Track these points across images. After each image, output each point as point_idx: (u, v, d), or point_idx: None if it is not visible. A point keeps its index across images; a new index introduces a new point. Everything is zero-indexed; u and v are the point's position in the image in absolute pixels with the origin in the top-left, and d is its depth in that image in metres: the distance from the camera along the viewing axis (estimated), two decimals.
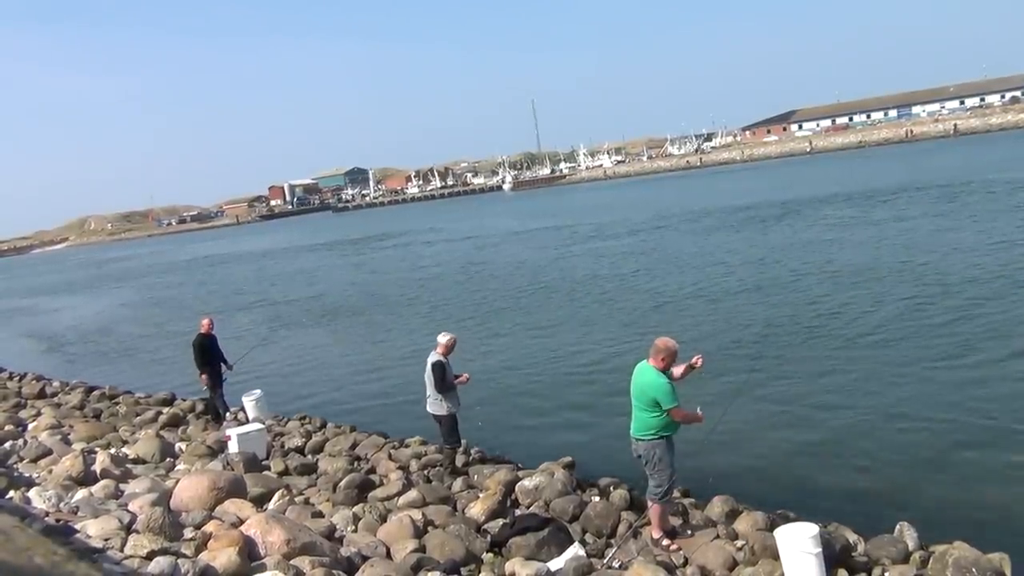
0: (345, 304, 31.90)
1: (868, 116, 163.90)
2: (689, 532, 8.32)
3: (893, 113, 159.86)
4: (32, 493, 8.81)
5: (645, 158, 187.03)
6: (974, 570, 6.24)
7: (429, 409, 10.87)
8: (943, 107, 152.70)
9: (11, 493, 8.75)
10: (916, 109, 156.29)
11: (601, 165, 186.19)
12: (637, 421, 7.96)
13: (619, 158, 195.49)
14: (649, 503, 8.16)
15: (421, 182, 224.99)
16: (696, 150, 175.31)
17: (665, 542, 8.02)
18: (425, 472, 11.00)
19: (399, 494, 9.75)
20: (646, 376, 7.84)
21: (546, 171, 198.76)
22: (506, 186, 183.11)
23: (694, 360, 8.10)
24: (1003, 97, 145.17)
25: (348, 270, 47.28)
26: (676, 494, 8.59)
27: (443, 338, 10.92)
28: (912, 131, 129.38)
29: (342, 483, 10.16)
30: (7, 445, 12.28)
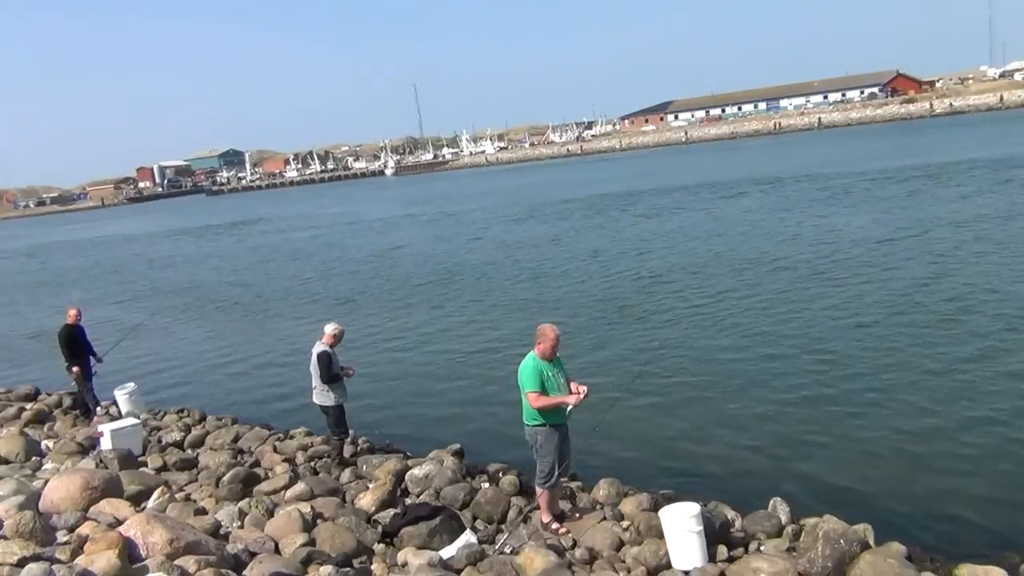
0: (222, 292, 30.86)
1: (739, 108, 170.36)
2: (577, 515, 8.52)
3: (763, 106, 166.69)
4: None
5: (527, 145, 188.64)
6: (842, 541, 6.64)
7: (315, 400, 10.72)
8: (808, 101, 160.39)
9: None
10: (784, 102, 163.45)
11: (484, 151, 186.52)
12: (523, 408, 8.11)
13: (502, 144, 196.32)
14: (537, 488, 8.32)
15: (300, 165, 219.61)
16: (577, 138, 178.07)
17: (554, 526, 8.19)
18: (312, 464, 10.83)
19: (286, 487, 9.56)
20: (522, 362, 8.01)
21: (429, 156, 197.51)
22: (388, 171, 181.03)
23: (577, 389, 8.10)
24: (862, 93, 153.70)
25: (224, 257, 45.70)
26: (564, 479, 8.76)
27: (330, 328, 10.80)
28: (780, 123, 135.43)
29: (225, 478, 9.86)
30: None
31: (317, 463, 10.82)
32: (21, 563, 6.02)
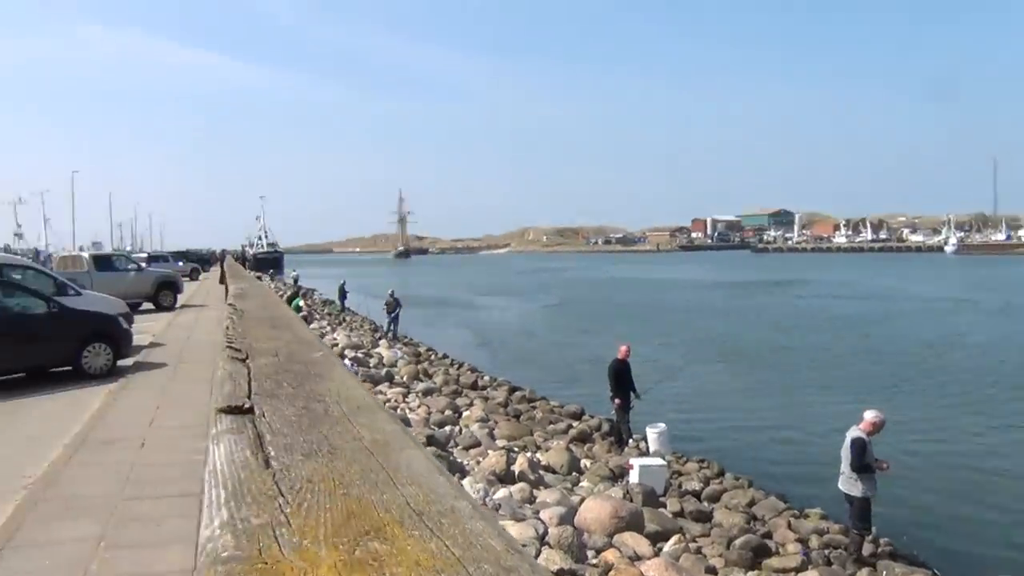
0: (756, 350, 31.22)
1: None
2: None
3: None
4: (466, 482, 9.90)
5: None
6: None
7: (841, 486, 10.21)
8: None
9: None
10: None
11: None
12: None
13: None
14: None
15: (850, 232, 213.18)
16: None
17: None
18: (827, 552, 10.28)
19: (796, 570, 9.24)
20: None
21: (1001, 236, 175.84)
22: (949, 247, 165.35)
23: None
24: None
25: (762, 314, 46.25)
26: None
27: (870, 415, 10.24)
28: None
29: (737, 542, 9.87)
30: (446, 429, 13.96)
31: (832, 552, 10.24)
32: (559, 573, 6.79)
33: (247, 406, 1.71)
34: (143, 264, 34.12)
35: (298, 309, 27.53)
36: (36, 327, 13.58)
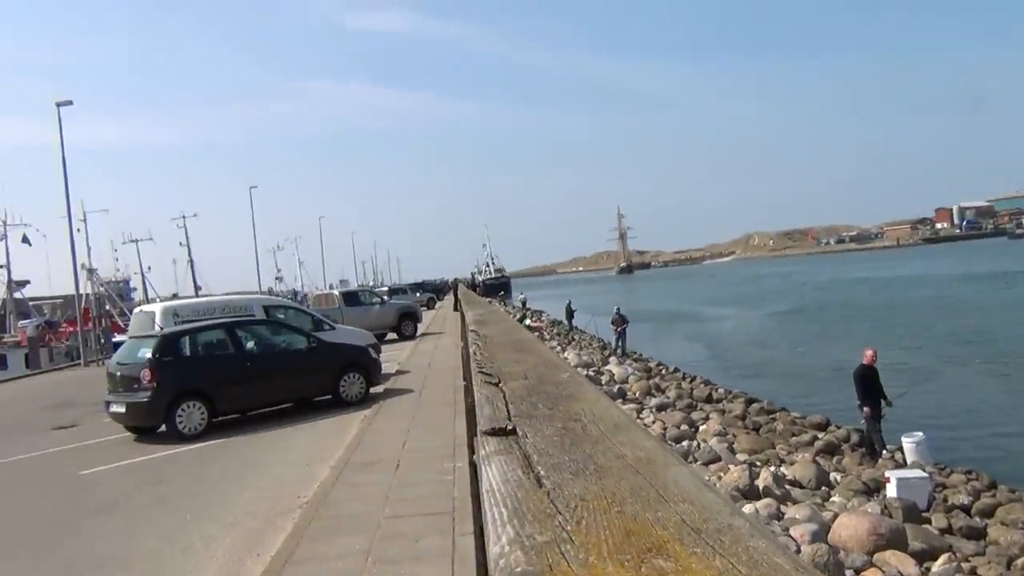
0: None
1: None
2: None
3: None
4: None
5: None
6: None
7: None
8: None
9: None
10: None
11: None
12: None
13: None
14: None
15: None
16: None
17: None
18: None
19: None
20: None
21: None
22: None
23: None
24: None
25: None
26: None
27: None
28: None
29: (1019, 562, 8.96)
30: (683, 444, 13.76)
31: None
32: None
33: (510, 427, 1.80)
34: (385, 297, 36.56)
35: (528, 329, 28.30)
36: (300, 361, 14.93)
